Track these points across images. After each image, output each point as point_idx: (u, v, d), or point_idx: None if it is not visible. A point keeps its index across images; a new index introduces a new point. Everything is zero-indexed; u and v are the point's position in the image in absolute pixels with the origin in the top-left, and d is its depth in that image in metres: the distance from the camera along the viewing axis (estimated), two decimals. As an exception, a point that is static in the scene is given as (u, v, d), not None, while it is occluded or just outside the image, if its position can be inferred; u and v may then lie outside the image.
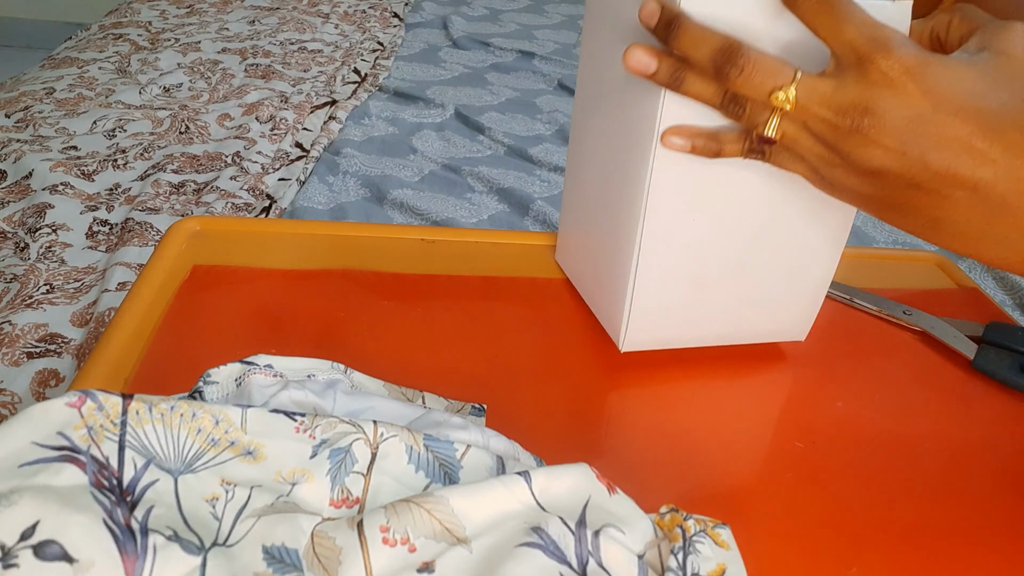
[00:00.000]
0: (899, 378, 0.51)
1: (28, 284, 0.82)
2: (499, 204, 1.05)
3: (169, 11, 1.73)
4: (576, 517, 0.28)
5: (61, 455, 0.24)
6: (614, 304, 0.48)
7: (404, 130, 1.25)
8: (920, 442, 0.45)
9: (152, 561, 0.23)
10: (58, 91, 1.27)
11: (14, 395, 0.69)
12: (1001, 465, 0.45)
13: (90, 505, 0.23)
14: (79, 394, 0.26)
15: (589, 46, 0.48)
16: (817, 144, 0.36)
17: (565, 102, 1.41)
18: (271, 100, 1.29)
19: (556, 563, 0.27)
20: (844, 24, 0.33)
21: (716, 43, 0.35)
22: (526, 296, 0.55)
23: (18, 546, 0.21)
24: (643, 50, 0.37)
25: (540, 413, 0.45)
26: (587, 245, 0.52)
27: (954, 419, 0.48)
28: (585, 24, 0.48)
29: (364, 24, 1.73)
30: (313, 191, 1.03)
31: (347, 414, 0.34)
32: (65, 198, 0.97)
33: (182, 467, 0.27)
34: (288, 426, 0.29)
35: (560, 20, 1.90)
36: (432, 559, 0.26)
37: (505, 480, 0.29)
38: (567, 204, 0.55)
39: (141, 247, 0.88)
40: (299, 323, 0.50)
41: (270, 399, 0.33)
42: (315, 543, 0.27)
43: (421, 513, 0.27)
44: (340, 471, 0.29)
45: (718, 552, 0.29)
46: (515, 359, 0.49)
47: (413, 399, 0.42)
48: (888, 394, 0.49)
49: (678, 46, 0.36)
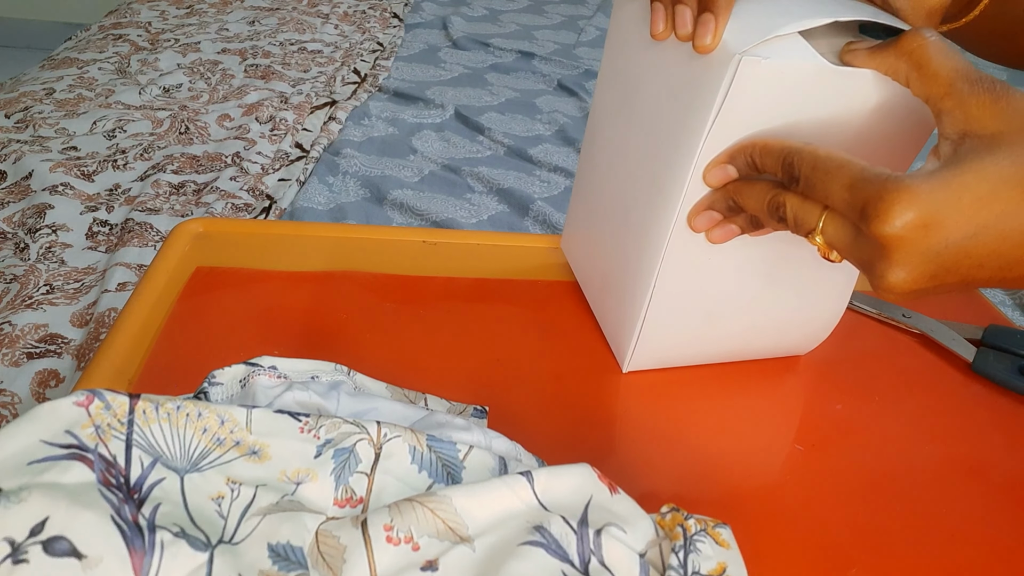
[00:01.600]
0: (898, 381, 0.52)
1: (28, 284, 0.82)
2: (499, 204, 1.06)
3: (169, 11, 1.73)
4: (578, 516, 0.29)
5: (69, 453, 0.25)
6: (622, 328, 0.48)
7: (404, 130, 1.25)
8: (919, 445, 0.46)
9: (160, 557, 0.23)
10: (58, 92, 1.27)
11: (14, 395, 0.70)
12: (1000, 467, 0.45)
13: (98, 502, 0.24)
14: (87, 393, 0.26)
15: (615, 60, 0.47)
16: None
17: (565, 102, 1.41)
18: (271, 100, 1.30)
19: (558, 561, 0.27)
20: (832, 187, 0.33)
21: (765, 197, 0.36)
22: (528, 298, 0.56)
23: (28, 542, 0.22)
24: (704, 218, 0.41)
25: (542, 415, 0.45)
26: (599, 254, 0.52)
27: (953, 422, 0.48)
28: (609, 36, 0.47)
29: (364, 24, 1.74)
30: (313, 191, 1.03)
31: (351, 415, 0.34)
32: (65, 198, 0.97)
33: (188, 466, 0.27)
34: (292, 426, 0.30)
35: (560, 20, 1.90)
36: (435, 557, 0.27)
37: (507, 480, 0.29)
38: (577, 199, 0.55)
39: (141, 247, 0.88)
40: (302, 324, 0.50)
41: (274, 400, 0.34)
42: (319, 541, 0.27)
43: (425, 512, 0.27)
44: (344, 471, 0.29)
45: (719, 551, 0.29)
46: (517, 361, 0.49)
47: (415, 401, 0.42)
48: (887, 397, 0.50)
49: (734, 198, 0.39)
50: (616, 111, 0.47)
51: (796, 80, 0.36)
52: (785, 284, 0.47)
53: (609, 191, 0.49)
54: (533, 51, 1.64)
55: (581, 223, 0.55)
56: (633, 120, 0.45)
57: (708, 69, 0.37)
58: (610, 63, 0.48)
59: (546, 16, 1.93)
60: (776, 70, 0.36)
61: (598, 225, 0.51)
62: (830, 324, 0.50)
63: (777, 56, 0.35)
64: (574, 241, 0.56)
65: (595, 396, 0.47)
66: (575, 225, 0.56)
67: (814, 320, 0.50)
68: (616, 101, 0.47)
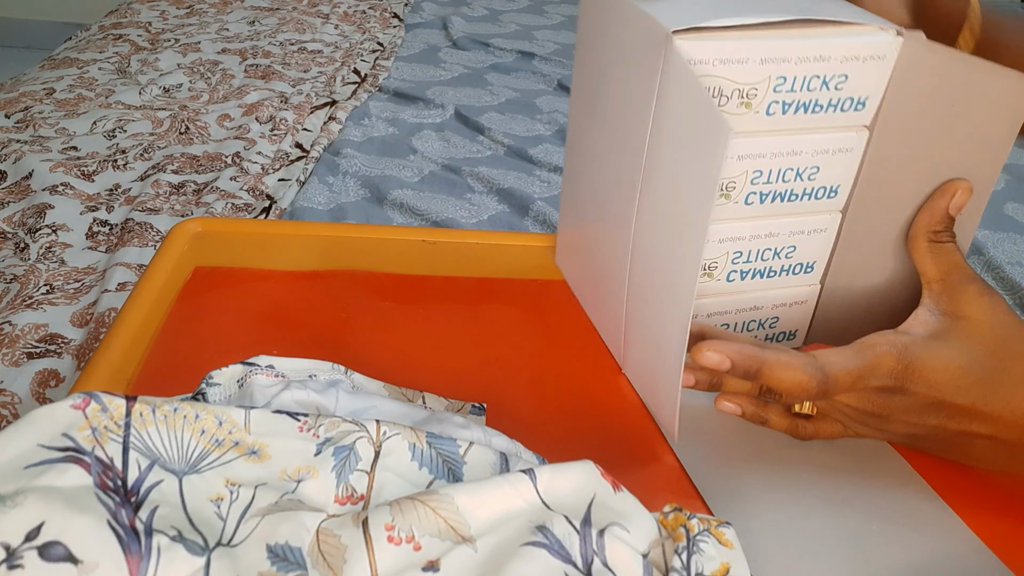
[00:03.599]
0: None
1: (28, 284, 0.82)
2: (499, 204, 1.05)
3: (169, 11, 1.72)
4: (581, 515, 0.28)
5: (66, 456, 0.24)
6: (617, 329, 0.48)
7: (404, 130, 1.25)
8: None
9: (157, 561, 0.23)
10: (58, 91, 1.27)
11: (14, 395, 0.69)
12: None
13: (94, 506, 0.23)
14: (83, 396, 0.26)
15: (585, 66, 0.47)
16: (846, 413, 0.41)
17: (565, 102, 1.41)
18: (271, 100, 1.29)
19: (561, 562, 0.27)
20: (804, 381, 0.37)
21: (741, 366, 0.38)
22: (527, 297, 0.56)
23: (23, 547, 0.22)
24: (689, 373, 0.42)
25: (540, 413, 0.45)
26: (585, 261, 0.52)
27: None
28: (578, 42, 0.47)
29: (364, 24, 1.73)
30: (313, 191, 1.03)
31: (349, 413, 0.34)
32: (65, 198, 0.97)
33: (186, 468, 0.27)
34: (292, 426, 0.30)
35: (560, 20, 1.90)
36: (437, 558, 0.26)
37: (510, 478, 0.29)
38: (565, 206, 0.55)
39: (141, 247, 0.88)
40: (301, 324, 0.50)
41: (272, 399, 0.33)
42: (320, 540, 0.27)
43: (426, 511, 0.27)
44: (344, 468, 0.29)
45: (722, 551, 0.29)
46: (515, 360, 0.49)
47: (413, 399, 0.42)
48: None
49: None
50: (587, 119, 0.48)
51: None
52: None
53: (589, 196, 0.49)
54: (533, 51, 1.64)
55: (569, 235, 0.55)
56: (600, 122, 0.45)
57: (647, 54, 0.37)
58: (580, 68, 0.48)
59: (546, 16, 1.93)
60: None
61: (583, 232, 0.52)
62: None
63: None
64: (566, 254, 0.57)
65: (594, 395, 0.47)
66: (565, 237, 0.56)
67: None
68: (585, 109, 0.48)
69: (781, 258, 0.45)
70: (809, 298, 0.48)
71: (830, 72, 0.39)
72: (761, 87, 0.38)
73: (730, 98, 0.38)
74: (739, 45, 0.37)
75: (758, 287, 0.46)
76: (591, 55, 0.46)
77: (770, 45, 0.37)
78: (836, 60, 0.38)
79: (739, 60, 0.37)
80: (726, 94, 0.38)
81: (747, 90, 0.38)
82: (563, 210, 0.55)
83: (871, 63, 0.39)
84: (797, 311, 0.49)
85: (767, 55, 0.37)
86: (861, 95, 0.40)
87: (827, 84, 0.39)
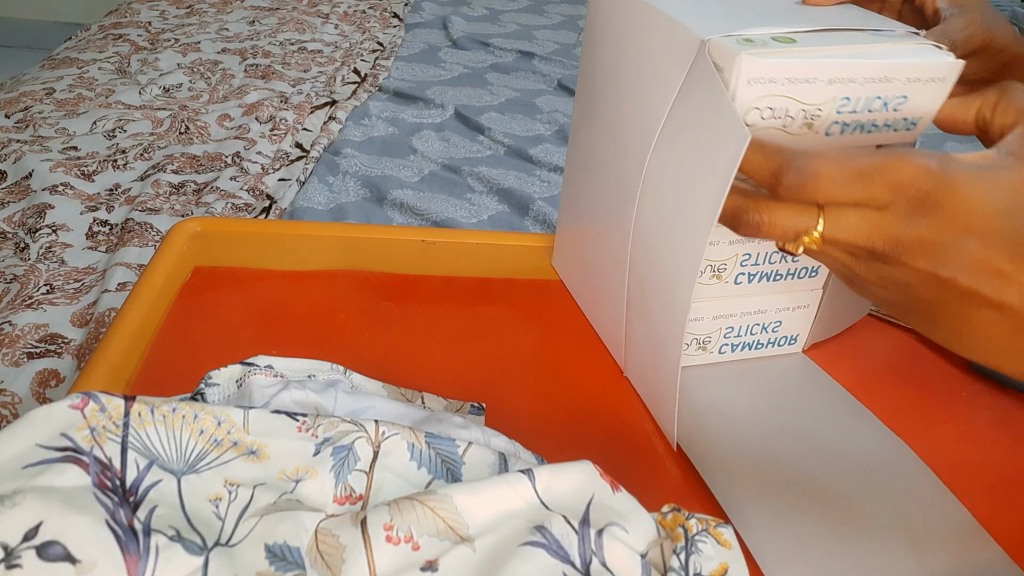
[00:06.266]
0: (896, 377, 0.51)
1: (28, 284, 0.82)
2: (499, 204, 1.05)
3: (169, 11, 1.72)
4: (580, 515, 0.28)
5: (64, 456, 0.24)
6: (615, 331, 0.48)
7: (404, 130, 1.25)
8: (917, 442, 0.45)
9: (155, 561, 0.23)
10: (58, 91, 1.27)
11: (14, 395, 0.69)
12: (999, 466, 0.45)
13: (93, 506, 0.23)
14: (82, 396, 0.26)
15: (592, 70, 0.47)
16: (843, 259, 0.35)
17: (565, 102, 1.41)
18: (271, 100, 1.29)
19: (559, 563, 0.27)
20: (828, 185, 0.31)
21: (729, 204, 0.33)
22: (525, 297, 0.56)
23: (21, 547, 0.22)
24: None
25: (539, 413, 0.45)
26: (584, 264, 0.52)
27: (951, 419, 0.48)
28: (585, 46, 0.47)
29: (364, 24, 1.73)
30: (313, 191, 1.03)
31: (348, 413, 0.34)
32: (65, 198, 0.97)
33: (185, 468, 0.27)
34: (290, 426, 0.30)
35: (560, 20, 1.90)
36: (435, 558, 0.26)
37: (508, 478, 0.29)
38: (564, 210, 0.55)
39: (141, 247, 0.88)
40: (300, 324, 0.50)
41: (271, 399, 0.33)
42: (319, 540, 0.27)
43: (425, 511, 0.27)
44: (343, 468, 0.29)
45: (720, 551, 0.29)
46: (514, 360, 0.49)
47: (412, 399, 0.42)
48: (885, 393, 0.49)
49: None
50: (590, 122, 0.48)
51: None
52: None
53: (590, 199, 0.49)
54: (533, 51, 1.64)
55: (568, 238, 0.55)
56: (604, 125, 0.45)
57: (669, 57, 0.37)
58: (586, 72, 0.48)
59: (546, 16, 1.93)
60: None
61: (582, 235, 0.52)
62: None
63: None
64: (563, 256, 0.57)
65: (593, 395, 0.47)
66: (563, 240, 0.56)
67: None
68: (589, 112, 0.48)
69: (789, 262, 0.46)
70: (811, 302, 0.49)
71: (892, 93, 0.37)
72: (826, 108, 0.37)
73: (795, 119, 0.37)
74: (806, 64, 0.35)
75: (763, 290, 0.47)
76: (600, 58, 0.45)
77: (837, 65, 0.36)
78: (900, 81, 0.37)
79: (807, 80, 0.35)
80: (791, 114, 0.36)
81: (812, 111, 0.36)
82: (562, 213, 0.55)
83: (932, 85, 0.38)
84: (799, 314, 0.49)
85: (834, 75, 0.36)
86: (915, 116, 0.39)
87: (887, 105, 0.38)
